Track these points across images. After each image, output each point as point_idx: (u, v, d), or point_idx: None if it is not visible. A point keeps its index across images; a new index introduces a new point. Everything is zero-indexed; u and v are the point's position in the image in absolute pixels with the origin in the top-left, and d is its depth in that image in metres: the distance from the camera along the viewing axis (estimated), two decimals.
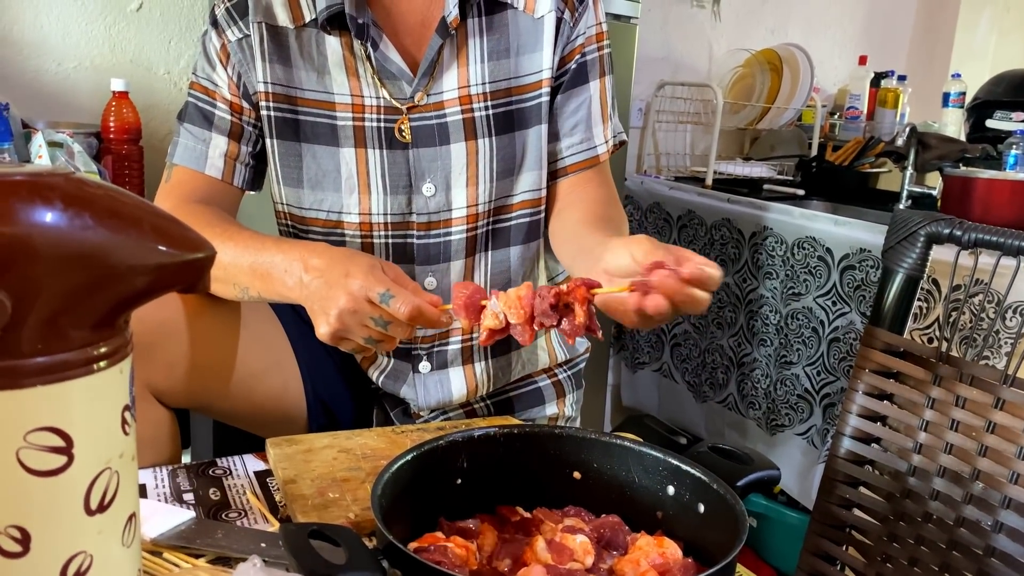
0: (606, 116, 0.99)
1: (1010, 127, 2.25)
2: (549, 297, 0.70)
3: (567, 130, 0.98)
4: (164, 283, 0.42)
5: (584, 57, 0.97)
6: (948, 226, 0.76)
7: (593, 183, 0.98)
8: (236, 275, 0.83)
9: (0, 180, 0.37)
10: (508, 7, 0.94)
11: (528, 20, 0.94)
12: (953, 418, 0.73)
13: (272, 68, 0.91)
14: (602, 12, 0.99)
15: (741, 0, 2.55)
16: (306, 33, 0.92)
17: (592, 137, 0.98)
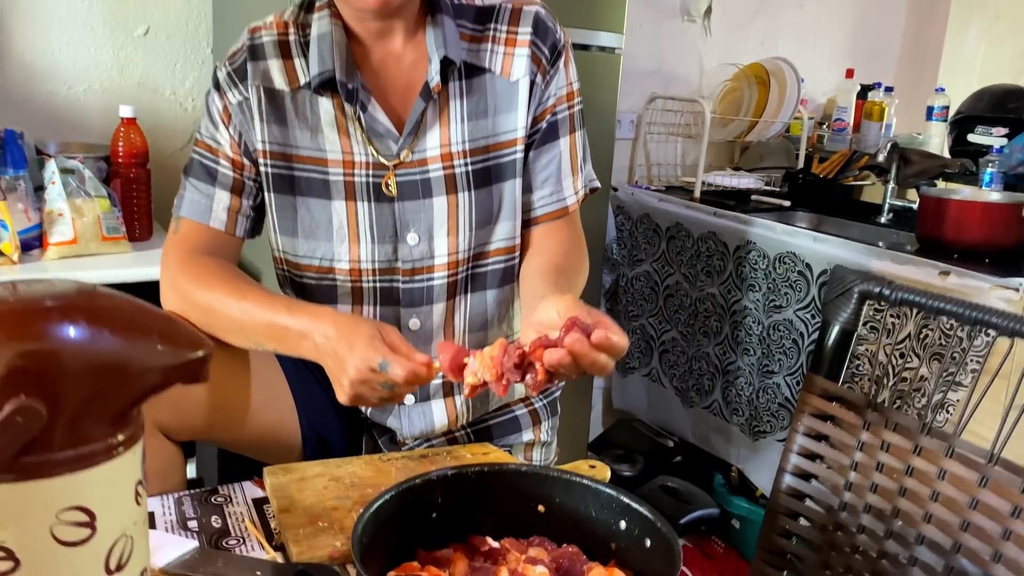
0: (576, 169, 1.07)
1: (991, 142, 2.31)
2: (514, 356, 0.79)
3: (539, 183, 1.06)
4: (172, 379, 0.50)
5: (555, 116, 1.04)
6: (878, 285, 0.84)
7: (560, 233, 1.07)
8: (251, 332, 0.94)
9: (33, 306, 0.46)
10: (486, 72, 1.01)
11: (504, 83, 1.01)
12: (878, 460, 0.81)
13: (270, 128, 0.99)
14: (573, 72, 1.07)
15: (731, 14, 2.61)
16: (300, 95, 1.00)
17: (562, 190, 1.06)
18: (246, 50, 1.01)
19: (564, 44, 1.04)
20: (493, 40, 1.01)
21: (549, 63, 1.02)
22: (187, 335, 0.51)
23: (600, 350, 0.73)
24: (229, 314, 0.94)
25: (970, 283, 1.63)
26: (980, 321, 0.76)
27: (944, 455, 0.77)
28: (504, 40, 1.01)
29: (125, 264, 1.54)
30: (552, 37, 1.02)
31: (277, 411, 1.03)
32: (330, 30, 0.97)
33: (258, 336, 0.94)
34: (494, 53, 1.01)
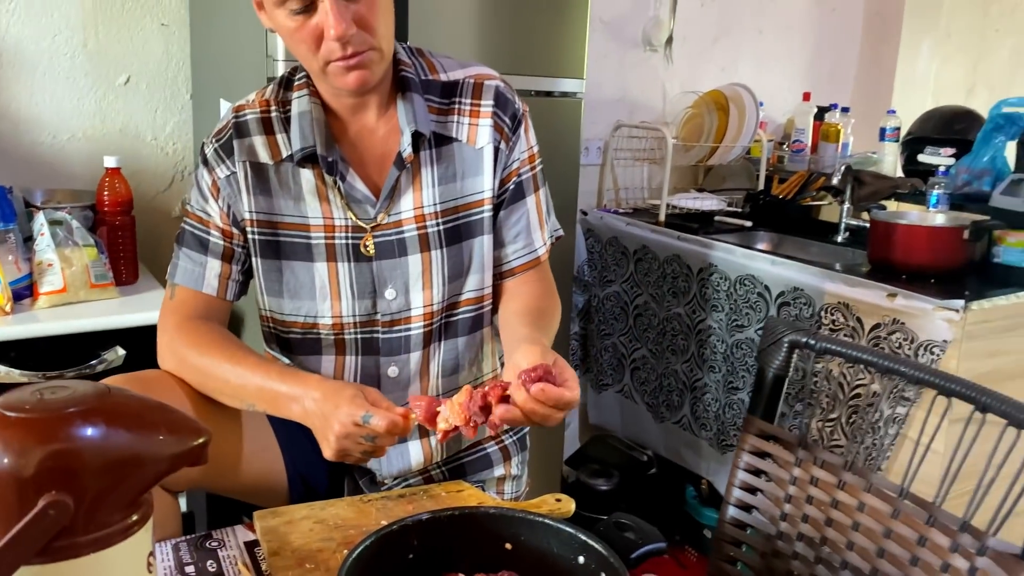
0: (543, 222, 1.17)
1: (939, 161, 2.42)
2: (478, 400, 0.89)
3: (511, 239, 1.16)
4: (178, 465, 0.58)
5: (520, 178, 1.14)
6: (805, 336, 0.93)
7: (533, 280, 1.17)
8: (244, 395, 1.03)
9: (58, 413, 0.54)
10: (454, 140, 1.10)
11: (471, 150, 1.11)
12: (809, 494, 0.91)
13: (256, 199, 1.08)
14: (532, 137, 1.16)
15: (692, 42, 2.72)
16: (283, 167, 1.08)
17: (532, 242, 1.17)
18: (232, 127, 1.09)
19: (523, 113, 1.14)
20: (458, 112, 1.11)
21: (511, 131, 1.12)
22: (189, 425, 0.60)
23: (553, 407, 0.82)
24: (225, 378, 1.03)
25: (915, 304, 1.74)
26: (891, 370, 0.86)
27: (863, 490, 0.86)
28: (468, 112, 1.10)
29: (113, 310, 1.60)
30: (512, 108, 1.12)
31: (265, 458, 1.11)
32: (310, 108, 1.06)
33: (250, 398, 1.03)
34: (460, 124, 1.10)
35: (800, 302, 1.96)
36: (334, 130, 1.09)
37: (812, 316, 1.93)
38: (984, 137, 2.22)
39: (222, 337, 1.08)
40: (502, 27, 1.75)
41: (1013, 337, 1.80)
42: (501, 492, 1.24)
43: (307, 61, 1.03)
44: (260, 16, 1.06)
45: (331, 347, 1.13)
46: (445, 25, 1.67)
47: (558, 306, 1.17)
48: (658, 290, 2.35)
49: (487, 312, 1.17)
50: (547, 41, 1.80)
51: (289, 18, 0.98)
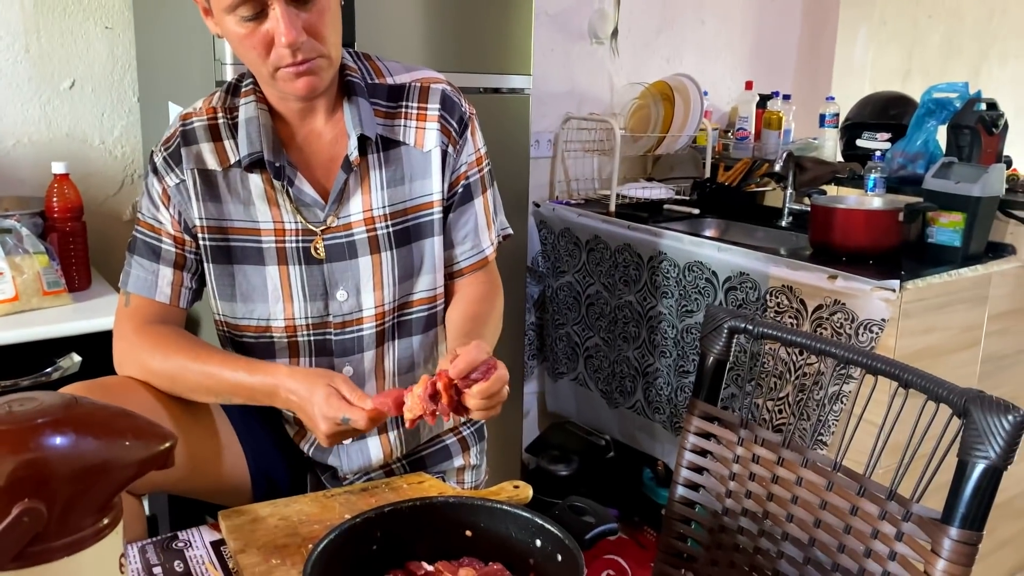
0: (490, 223, 1.20)
1: (876, 146, 2.51)
2: (429, 389, 0.93)
3: (460, 239, 1.19)
4: (145, 469, 0.61)
5: (468, 180, 1.17)
6: (743, 321, 0.98)
7: (480, 280, 1.21)
8: (219, 391, 1.06)
9: (28, 424, 0.56)
10: (401, 144, 1.13)
11: (418, 153, 1.13)
12: (751, 471, 0.96)
13: (206, 206, 1.09)
14: (479, 139, 1.19)
15: (637, 34, 2.77)
16: (232, 173, 1.10)
17: (480, 243, 1.20)
18: (179, 135, 1.10)
19: (470, 116, 1.16)
20: (405, 116, 1.13)
21: (458, 135, 1.14)
22: (154, 430, 0.62)
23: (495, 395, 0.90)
24: (196, 379, 1.05)
25: (854, 285, 1.81)
26: (823, 351, 0.91)
27: (800, 465, 0.92)
28: (415, 116, 1.13)
29: (67, 317, 1.60)
30: (459, 111, 1.15)
31: (227, 458, 1.13)
32: (257, 114, 1.08)
33: (227, 395, 1.06)
34: (407, 127, 1.13)
35: (746, 286, 2.02)
36: (281, 135, 1.10)
37: (758, 299, 2.00)
38: (917, 122, 2.31)
39: (181, 337, 1.09)
40: (448, 26, 1.77)
41: (946, 314, 1.89)
42: (461, 482, 1.27)
43: (256, 67, 1.04)
44: (207, 22, 1.07)
45: (284, 350, 1.15)
46: (391, 26, 1.68)
47: (500, 304, 1.21)
48: (610, 279, 2.40)
49: (440, 311, 1.20)
50: (493, 38, 1.84)
51: (239, 24, 0.99)
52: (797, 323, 1.93)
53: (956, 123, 2.17)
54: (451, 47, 1.78)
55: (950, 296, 1.88)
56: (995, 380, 2.08)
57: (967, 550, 0.75)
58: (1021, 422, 0.71)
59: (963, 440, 0.75)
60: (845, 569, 0.86)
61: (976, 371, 2.02)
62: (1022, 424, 0.71)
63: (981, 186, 1.91)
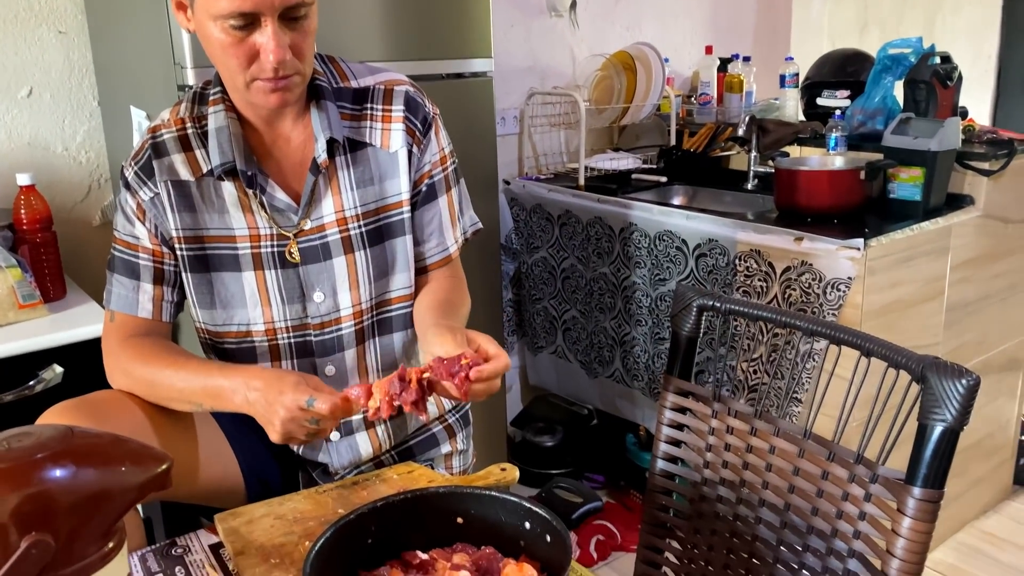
0: (455, 220, 1.23)
1: (836, 104, 2.55)
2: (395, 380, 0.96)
3: (425, 237, 1.21)
4: (145, 492, 0.63)
5: (432, 179, 1.19)
6: (712, 299, 1.01)
7: (444, 276, 1.23)
8: (190, 395, 1.07)
9: (28, 459, 0.58)
10: (368, 145, 1.14)
11: (385, 154, 1.15)
12: (726, 442, 1.00)
13: (181, 216, 1.10)
14: (444, 138, 1.21)
15: (595, 4, 2.77)
16: (205, 182, 1.11)
17: (444, 241, 1.22)
18: (149, 148, 1.11)
19: (433, 116, 1.18)
20: (371, 118, 1.15)
21: (422, 134, 1.16)
22: (151, 454, 0.64)
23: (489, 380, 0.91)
24: (171, 384, 1.07)
25: (819, 246, 1.86)
26: (788, 324, 0.95)
27: (772, 434, 0.96)
28: (381, 118, 1.15)
29: (45, 329, 1.60)
30: (422, 111, 1.16)
31: (219, 463, 1.16)
32: (227, 123, 1.09)
33: (197, 398, 1.07)
34: (373, 129, 1.15)
35: (716, 252, 2.06)
36: (251, 142, 1.12)
37: (727, 265, 2.04)
38: (874, 78, 2.34)
39: (164, 347, 1.11)
40: (405, 14, 1.77)
41: (910, 268, 1.94)
42: (450, 467, 1.31)
43: (231, 75, 1.04)
44: (178, 16, 1.06)
45: (266, 354, 1.17)
46: (350, 16, 1.68)
47: (466, 298, 1.24)
48: (583, 252, 2.43)
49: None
50: (451, 23, 1.84)
51: (225, 32, 0.99)
52: (766, 285, 1.97)
53: (912, 78, 2.21)
54: (409, 35, 1.78)
55: (913, 250, 1.93)
56: (960, 327, 2.15)
57: (930, 507, 0.79)
58: (974, 385, 0.76)
59: (922, 405, 0.79)
60: (819, 531, 0.90)
61: (941, 320, 2.09)
62: (975, 387, 0.76)
63: (938, 140, 1.96)
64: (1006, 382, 2.37)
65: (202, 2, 1.00)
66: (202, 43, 1.06)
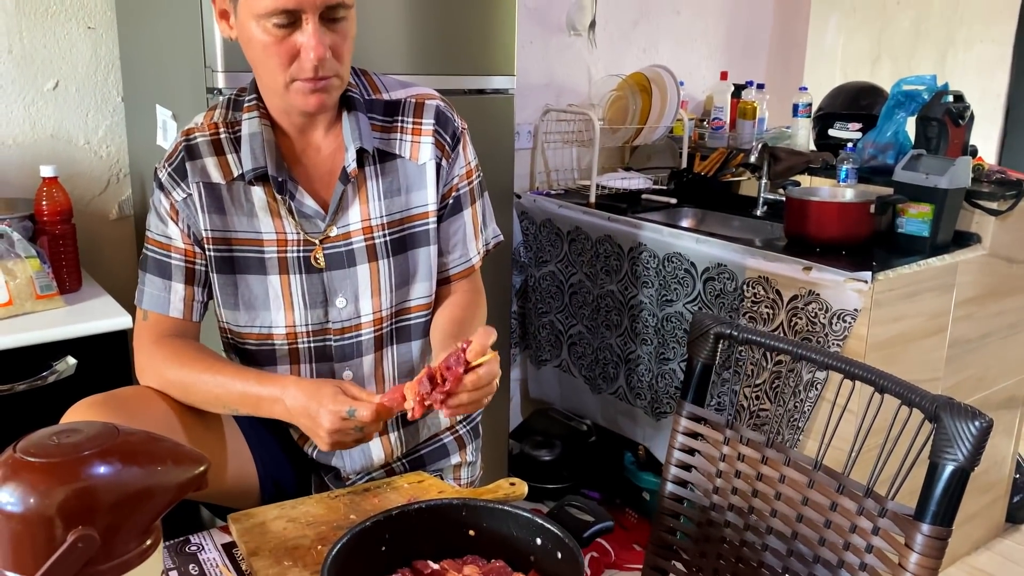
0: (478, 232, 1.26)
1: (847, 136, 2.58)
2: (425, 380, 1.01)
3: (449, 248, 1.24)
4: (184, 492, 0.65)
5: (458, 192, 1.22)
6: (729, 328, 1.04)
7: (465, 287, 1.26)
8: (227, 401, 1.10)
9: (76, 455, 0.60)
10: (397, 157, 1.17)
11: (413, 166, 1.17)
12: (736, 469, 1.02)
13: (211, 217, 1.12)
14: (471, 152, 1.24)
15: (614, 25, 2.80)
16: (235, 186, 1.13)
17: (467, 252, 1.25)
18: (183, 150, 1.13)
19: (462, 131, 1.21)
20: (401, 131, 1.17)
21: (451, 148, 1.19)
22: (190, 455, 0.66)
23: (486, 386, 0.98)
24: (207, 390, 1.10)
25: (828, 277, 1.88)
26: (803, 356, 0.97)
27: (783, 464, 0.98)
28: (411, 130, 1.17)
29: (61, 320, 1.62)
30: (452, 126, 1.19)
31: (239, 464, 1.18)
32: (260, 130, 1.11)
33: (234, 404, 1.10)
34: (402, 141, 1.17)
35: (724, 277, 2.09)
36: (283, 148, 1.14)
37: (735, 290, 2.06)
38: (887, 113, 2.37)
39: (198, 350, 1.14)
40: (432, 29, 1.80)
41: (915, 302, 1.97)
42: (458, 478, 1.33)
43: (272, 75, 1.06)
44: (220, 25, 1.09)
45: (285, 356, 1.19)
46: (378, 29, 1.71)
47: (483, 312, 1.27)
48: (592, 269, 2.45)
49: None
50: (477, 40, 1.86)
51: (267, 32, 1.02)
52: (773, 313, 2.00)
53: (924, 115, 2.24)
54: (435, 50, 1.81)
55: (919, 285, 1.96)
56: (961, 363, 2.17)
57: (937, 544, 0.81)
58: (987, 427, 0.78)
59: (934, 443, 0.81)
60: (825, 561, 0.92)
61: (943, 355, 2.11)
62: (988, 429, 0.78)
63: (948, 178, 1.99)
64: (1004, 420, 2.40)
65: (246, 2, 1.03)
66: (243, 47, 1.08)
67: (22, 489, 0.57)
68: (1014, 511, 2.57)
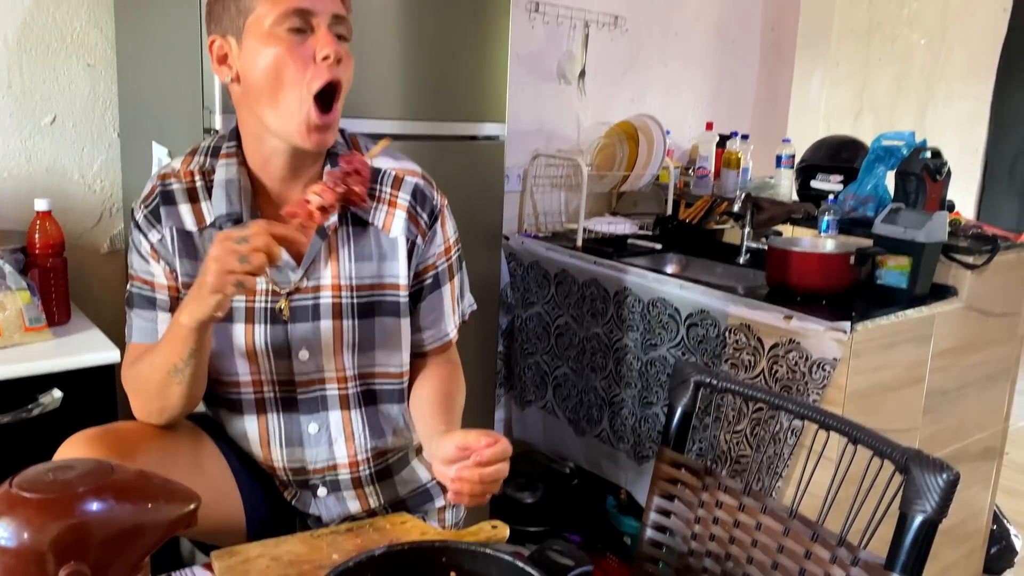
0: (455, 308, 1.28)
1: (829, 187, 2.64)
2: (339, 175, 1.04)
3: (426, 325, 1.26)
4: (173, 530, 0.66)
5: (437, 269, 1.24)
6: (708, 376, 1.06)
7: (441, 361, 1.28)
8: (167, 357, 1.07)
9: (70, 492, 0.61)
10: (370, 225, 1.18)
11: (385, 237, 1.19)
12: (715, 516, 1.04)
13: (183, 263, 1.14)
14: (450, 228, 1.26)
15: (603, 74, 2.87)
16: (207, 232, 1.14)
17: (445, 327, 1.27)
18: (158, 195, 1.16)
19: (441, 207, 1.23)
20: (378, 199, 1.19)
21: (428, 226, 1.21)
22: (182, 493, 0.68)
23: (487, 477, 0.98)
24: (150, 363, 1.09)
25: (808, 326, 1.92)
26: (780, 407, 1.00)
27: (760, 511, 1.00)
28: (387, 201, 1.19)
29: (48, 353, 1.63)
30: (430, 204, 1.21)
31: (226, 503, 1.18)
32: (237, 177, 1.13)
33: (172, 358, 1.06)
34: (378, 210, 1.19)
35: (707, 323, 2.12)
36: (258, 199, 1.16)
37: (718, 336, 2.10)
38: (867, 167, 2.44)
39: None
40: (426, 75, 1.84)
41: (893, 352, 2.00)
42: (442, 520, 1.33)
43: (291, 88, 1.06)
44: (220, 71, 1.11)
45: (252, 405, 1.20)
46: (371, 74, 1.75)
47: (463, 386, 1.28)
48: (578, 311, 2.48)
49: (407, 388, 1.27)
50: (470, 88, 1.91)
51: (281, 41, 1.04)
52: (755, 360, 2.03)
53: (903, 170, 2.30)
54: (429, 96, 1.85)
55: (897, 336, 2.00)
56: (938, 414, 2.21)
57: None
58: (954, 480, 0.80)
59: (904, 495, 0.84)
60: None
61: (921, 406, 2.15)
62: (955, 482, 0.81)
63: (926, 232, 2.04)
64: (981, 471, 2.43)
65: (255, 22, 1.05)
66: (248, 79, 1.08)
67: (16, 524, 0.58)
68: (991, 562, 2.59)
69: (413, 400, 1.25)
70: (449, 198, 1.29)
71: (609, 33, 2.86)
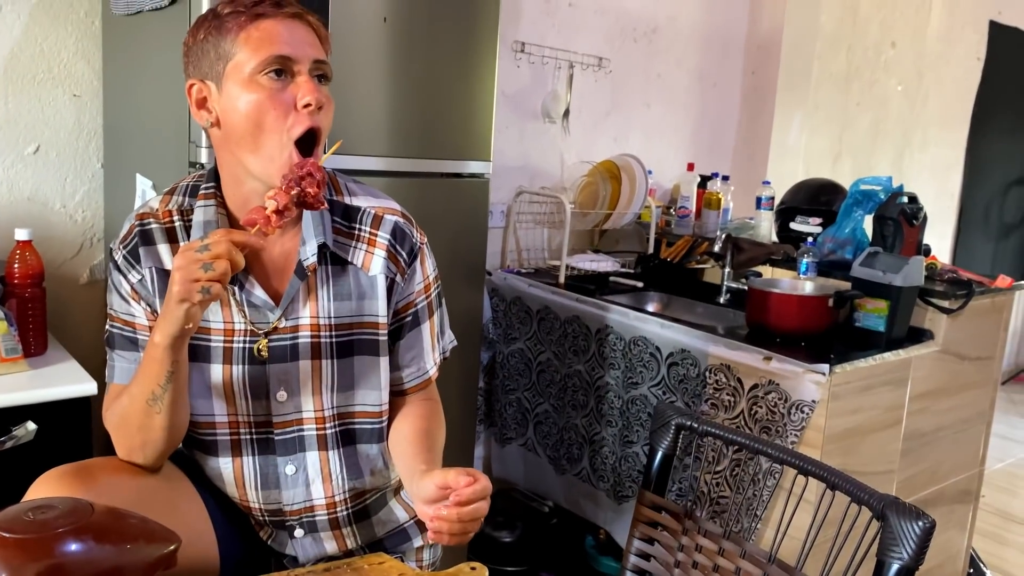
0: (435, 345, 1.28)
1: (808, 230, 2.68)
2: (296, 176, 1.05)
3: (406, 362, 1.26)
4: (154, 569, 0.66)
5: (417, 307, 1.24)
6: (689, 419, 1.07)
7: (421, 399, 1.28)
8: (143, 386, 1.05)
9: (49, 532, 0.61)
10: (349, 264, 1.19)
11: (364, 276, 1.19)
12: (694, 559, 1.04)
13: (161, 303, 1.12)
14: (429, 266, 1.26)
15: (587, 114, 2.92)
16: None
17: (424, 365, 1.27)
18: (136, 235, 1.15)
19: (420, 245, 1.24)
20: (357, 238, 1.19)
21: (407, 264, 1.21)
22: (161, 533, 0.67)
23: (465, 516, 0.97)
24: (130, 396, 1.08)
25: (787, 367, 1.93)
26: (759, 451, 1.00)
27: (739, 556, 1.00)
28: (366, 240, 1.19)
29: (24, 385, 1.60)
30: (409, 242, 1.22)
31: (200, 544, 1.16)
32: (216, 218, 1.13)
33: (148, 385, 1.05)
34: (357, 249, 1.19)
35: (688, 362, 2.13)
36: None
37: (698, 375, 2.11)
38: (846, 210, 2.48)
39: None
40: (413, 113, 1.86)
41: (871, 395, 2.02)
42: (420, 560, 1.32)
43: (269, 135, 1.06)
44: (199, 115, 1.11)
45: (227, 447, 1.19)
46: (358, 112, 1.76)
47: (443, 423, 1.28)
48: (560, 348, 2.49)
49: (387, 427, 1.26)
50: (456, 126, 1.93)
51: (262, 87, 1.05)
52: (735, 400, 2.04)
53: (881, 214, 2.34)
54: (415, 134, 1.87)
55: (875, 378, 2.02)
56: (916, 456, 2.22)
57: None
58: (930, 528, 0.81)
59: (881, 542, 0.84)
60: None
61: (899, 448, 2.16)
62: (931, 530, 0.81)
63: (903, 276, 2.07)
64: (957, 513, 2.44)
65: (235, 68, 1.06)
66: (230, 122, 1.08)
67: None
68: None
69: (393, 438, 1.24)
70: (433, 234, 1.29)
71: (593, 74, 2.91)
